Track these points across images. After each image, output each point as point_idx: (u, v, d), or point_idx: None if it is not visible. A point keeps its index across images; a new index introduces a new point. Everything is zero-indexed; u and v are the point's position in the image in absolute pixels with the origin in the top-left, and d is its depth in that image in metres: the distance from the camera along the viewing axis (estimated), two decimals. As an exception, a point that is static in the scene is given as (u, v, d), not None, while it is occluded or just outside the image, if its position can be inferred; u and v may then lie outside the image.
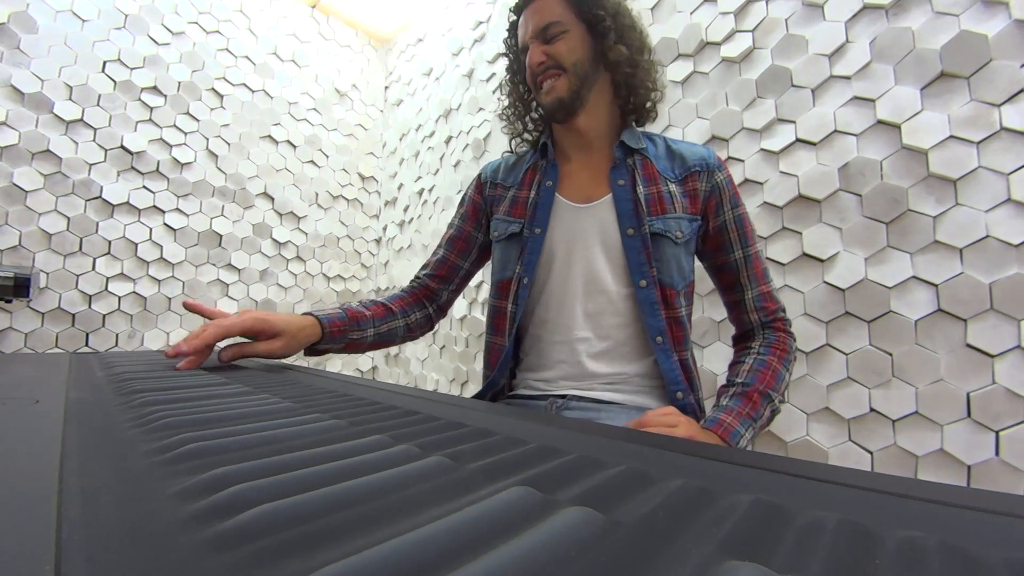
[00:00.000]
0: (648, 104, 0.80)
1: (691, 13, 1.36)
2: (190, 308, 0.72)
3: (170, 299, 1.90)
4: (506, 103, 0.88)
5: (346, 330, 0.80)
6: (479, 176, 0.91)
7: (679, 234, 0.72)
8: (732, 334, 0.80)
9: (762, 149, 1.20)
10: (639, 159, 0.76)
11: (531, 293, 0.79)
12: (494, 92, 1.95)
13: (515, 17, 0.81)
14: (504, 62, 0.94)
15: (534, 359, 0.78)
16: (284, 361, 0.80)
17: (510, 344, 0.77)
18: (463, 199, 0.92)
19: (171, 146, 1.92)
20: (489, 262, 0.90)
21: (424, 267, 0.92)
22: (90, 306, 1.72)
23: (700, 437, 0.58)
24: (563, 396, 0.71)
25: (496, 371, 0.78)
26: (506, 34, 0.85)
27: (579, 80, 0.74)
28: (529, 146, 0.88)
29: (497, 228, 0.83)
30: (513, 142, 0.89)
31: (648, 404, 0.71)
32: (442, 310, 0.93)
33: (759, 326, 0.74)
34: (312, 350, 0.80)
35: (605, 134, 0.80)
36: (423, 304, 0.91)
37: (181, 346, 0.63)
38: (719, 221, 0.75)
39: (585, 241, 0.75)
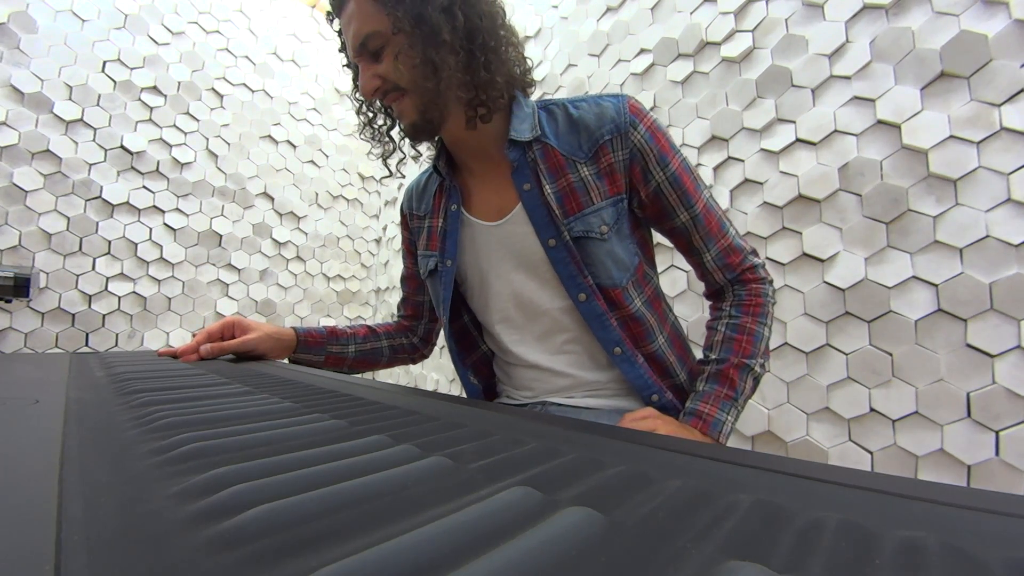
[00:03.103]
0: (500, 96, 0.64)
1: (691, 13, 1.36)
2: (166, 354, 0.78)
3: (170, 299, 1.90)
4: (362, 120, 0.73)
5: (324, 343, 0.84)
6: (400, 209, 0.85)
7: (604, 228, 0.63)
8: (703, 292, 0.74)
9: (762, 149, 1.20)
10: (539, 149, 0.64)
11: (478, 322, 0.77)
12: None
13: (337, 22, 0.67)
14: None
15: (507, 378, 0.76)
16: (284, 361, 0.81)
17: (465, 377, 0.76)
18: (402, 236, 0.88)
19: (171, 146, 1.92)
20: None
21: (398, 308, 0.95)
22: (90, 306, 1.72)
23: (681, 435, 0.55)
24: (543, 403, 0.71)
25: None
26: (339, 40, 0.69)
27: (424, 97, 0.60)
28: (413, 160, 0.77)
29: (420, 265, 0.78)
30: (391, 161, 0.75)
31: (628, 406, 0.68)
32: (424, 341, 0.95)
33: (727, 283, 0.68)
34: (294, 360, 0.85)
35: (494, 132, 0.67)
36: (406, 334, 0.94)
37: (174, 350, 0.71)
38: (651, 188, 0.64)
39: (506, 263, 0.68)
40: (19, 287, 1.53)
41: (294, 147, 2.30)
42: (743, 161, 1.23)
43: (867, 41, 1.05)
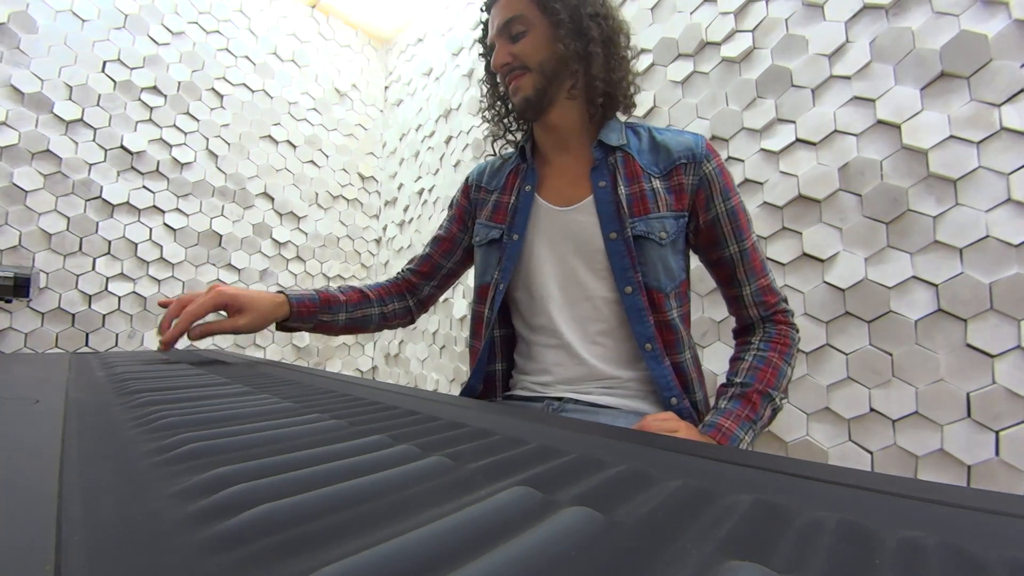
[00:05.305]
0: (622, 98, 0.76)
1: (691, 13, 1.36)
2: (164, 305, 0.79)
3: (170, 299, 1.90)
4: (486, 104, 0.86)
5: (316, 312, 0.85)
6: (466, 179, 0.91)
7: (663, 234, 0.70)
8: (733, 327, 0.78)
9: (762, 149, 1.20)
10: (620, 156, 0.73)
11: (515, 298, 0.79)
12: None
13: (486, 15, 0.79)
14: None
15: (528, 362, 0.77)
16: (283, 360, 0.81)
17: (485, 348, 0.78)
18: (452, 202, 0.92)
19: (171, 146, 1.92)
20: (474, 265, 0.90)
21: (409, 262, 0.95)
22: (90, 306, 1.72)
23: (700, 441, 0.57)
24: (559, 399, 0.71)
25: (472, 377, 0.78)
26: (481, 33, 0.83)
27: (545, 78, 0.71)
28: (513, 148, 0.87)
29: (479, 233, 0.83)
30: (496, 144, 0.87)
31: (645, 409, 0.70)
32: (423, 304, 0.96)
33: (759, 320, 0.72)
34: (282, 327, 0.85)
35: (584, 132, 0.77)
36: (404, 296, 0.94)
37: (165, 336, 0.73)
38: (710, 215, 0.71)
39: (564, 246, 0.74)
40: (19, 287, 1.53)
41: (294, 147, 2.30)
42: (743, 161, 1.23)
43: (867, 41, 1.05)
